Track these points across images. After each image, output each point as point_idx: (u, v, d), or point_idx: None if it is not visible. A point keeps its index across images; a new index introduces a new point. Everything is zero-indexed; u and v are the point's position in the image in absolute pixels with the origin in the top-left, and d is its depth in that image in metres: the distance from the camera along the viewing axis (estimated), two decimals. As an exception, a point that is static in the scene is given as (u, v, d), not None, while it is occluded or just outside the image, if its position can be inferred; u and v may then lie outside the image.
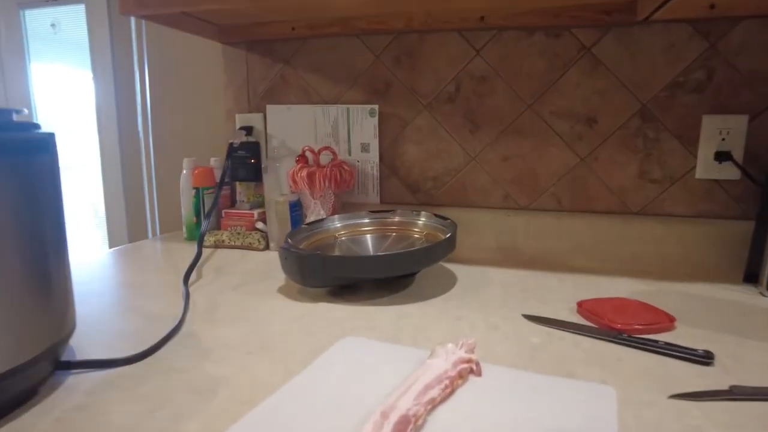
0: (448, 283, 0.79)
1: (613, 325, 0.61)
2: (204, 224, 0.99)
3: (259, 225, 1.04)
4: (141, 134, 1.31)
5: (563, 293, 0.74)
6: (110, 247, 1.45)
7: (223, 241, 1.03)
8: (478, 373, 0.49)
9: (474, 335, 0.60)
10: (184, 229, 1.09)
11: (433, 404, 0.43)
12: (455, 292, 0.75)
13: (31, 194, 0.45)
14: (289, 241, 0.76)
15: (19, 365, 0.44)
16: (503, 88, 0.93)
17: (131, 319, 0.66)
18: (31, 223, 0.45)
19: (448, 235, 0.74)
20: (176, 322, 0.63)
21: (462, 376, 0.48)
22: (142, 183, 1.36)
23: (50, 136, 0.49)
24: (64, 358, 0.53)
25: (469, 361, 0.49)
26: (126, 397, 0.48)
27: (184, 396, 0.47)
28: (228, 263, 0.92)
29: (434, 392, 0.44)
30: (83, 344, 0.59)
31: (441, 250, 0.73)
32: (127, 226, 1.42)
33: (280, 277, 0.82)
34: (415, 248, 0.70)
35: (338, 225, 0.90)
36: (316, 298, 0.72)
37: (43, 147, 0.47)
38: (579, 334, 0.60)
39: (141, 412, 0.45)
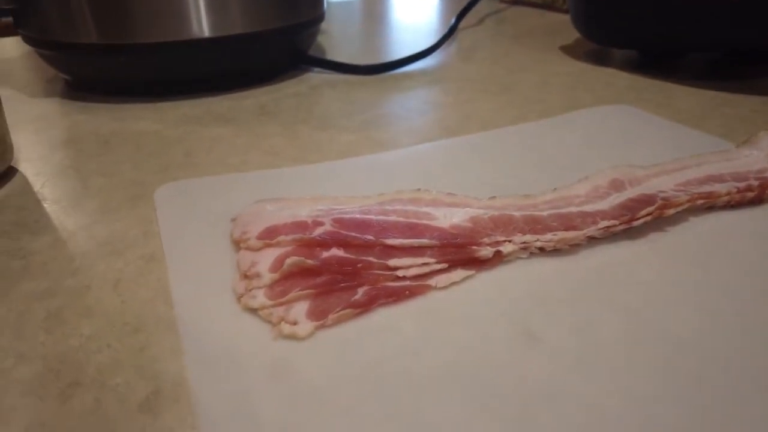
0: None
1: None
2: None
3: (572, -21, 0.82)
4: None
5: None
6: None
7: (524, -4, 0.86)
8: (826, 195, 0.28)
9: None
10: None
11: (707, 202, 0.26)
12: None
13: None
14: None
15: (253, 32, 0.43)
16: None
17: (386, 41, 0.62)
18: None
19: None
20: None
21: (789, 187, 0.28)
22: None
23: None
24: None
25: (816, 169, 0.28)
26: (339, 98, 0.44)
27: (389, 110, 0.41)
28: (518, 18, 0.77)
29: (719, 188, 0.26)
30: (333, 52, 0.58)
31: None
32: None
33: (572, 38, 0.64)
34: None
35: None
36: (605, 62, 0.54)
37: None
38: None
39: (348, 111, 0.41)
